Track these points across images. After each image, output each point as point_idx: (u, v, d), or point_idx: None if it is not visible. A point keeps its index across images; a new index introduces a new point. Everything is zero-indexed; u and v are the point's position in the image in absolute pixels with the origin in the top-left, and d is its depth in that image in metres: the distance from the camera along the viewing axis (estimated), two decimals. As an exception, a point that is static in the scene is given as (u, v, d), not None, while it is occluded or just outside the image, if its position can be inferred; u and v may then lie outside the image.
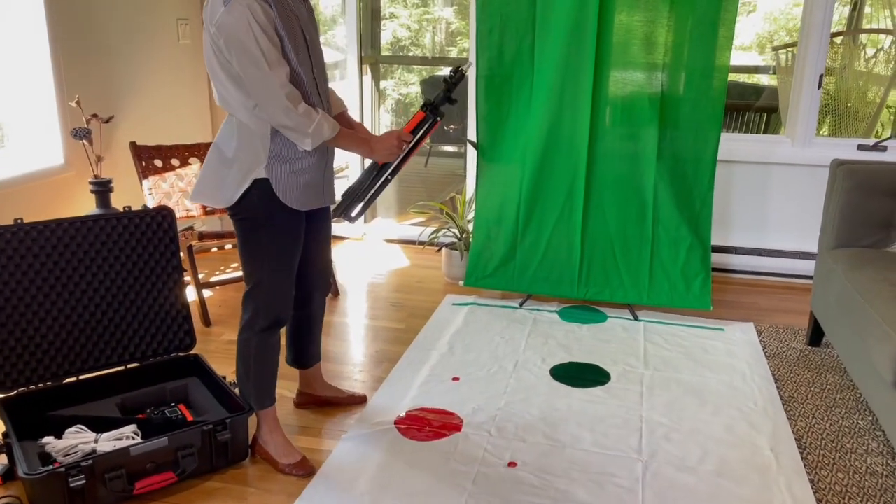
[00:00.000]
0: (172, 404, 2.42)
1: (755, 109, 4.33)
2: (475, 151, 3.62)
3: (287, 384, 2.76)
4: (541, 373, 2.86)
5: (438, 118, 2.23)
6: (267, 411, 2.26)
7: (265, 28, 1.86)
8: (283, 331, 2.27)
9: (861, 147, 3.79)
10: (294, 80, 1.96)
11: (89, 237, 2.35)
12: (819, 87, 3.73)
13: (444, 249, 3.88)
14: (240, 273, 2.54)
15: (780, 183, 3.86)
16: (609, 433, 2.44)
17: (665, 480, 2.20)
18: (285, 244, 2.10)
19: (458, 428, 2.46)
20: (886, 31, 4.57)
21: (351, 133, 2.16)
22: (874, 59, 4.60)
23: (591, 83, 3.20)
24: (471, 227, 3.75)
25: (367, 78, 4.65)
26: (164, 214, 2.47)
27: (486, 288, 3.58)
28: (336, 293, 3.67)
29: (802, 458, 2.33)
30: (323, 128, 2.01)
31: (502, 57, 3.34)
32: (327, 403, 2.61)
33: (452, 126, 7.04)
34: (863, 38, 4.76)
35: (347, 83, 4.39)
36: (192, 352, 2.60)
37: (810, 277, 3.87)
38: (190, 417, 2.37)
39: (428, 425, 2.47)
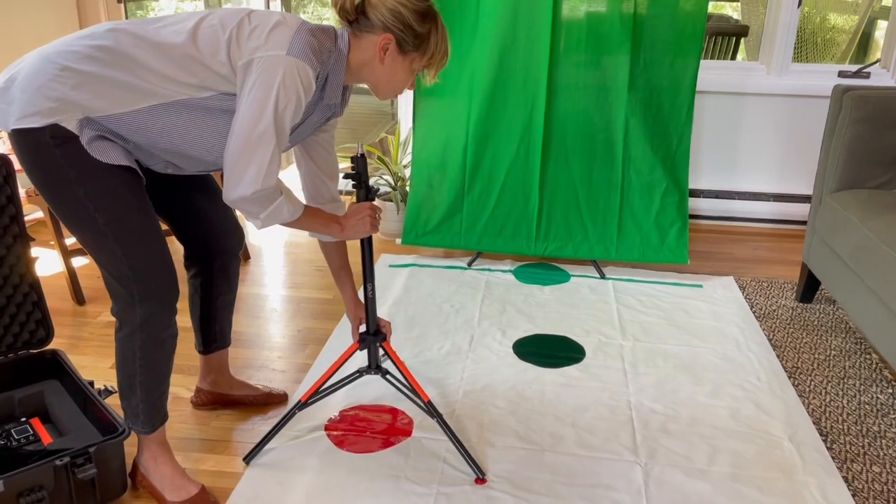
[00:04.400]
0: (23, 420, 1.80)
1: (720, 33, 3.86)
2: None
3: (181, 378, 2.17)
4: (502, 350, 2.35)
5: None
6: (157, 433, 1.67)
7: (297, 108, 1.46)
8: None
9: (842, 74, 3.38)
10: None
11: None
12: (798, 4, 3.28)
13: (376, 201, 3.29)
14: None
15: (752, 116, 3.42)
16: (595, 428, 1.97)
17: (674, 490, 1.74)
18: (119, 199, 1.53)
19: (407, 432, 1.93)
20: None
21: (316, 211, 1.68)
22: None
23: (551, -5, 2.64)
24: (407, 173, 3.17)
25: (276, 4, 3.93)
26: (-4, 165, 1.80)
27: (427, 246, 3.04)
28: (245, 256, 3.05)
29: (827, 447, 1.92)
30: (281, 211, 1.55)
31: (442, -37, 2.73)
32: (236, 404, 2.04)
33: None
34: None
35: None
36: (49, 346, 1.97)
37: (791, 222, 3.50)
38: (48, 439, 1.76)
39: (369, 429, 1.94)
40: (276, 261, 3.07)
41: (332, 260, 1.91)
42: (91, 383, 1.85)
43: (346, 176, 1.75)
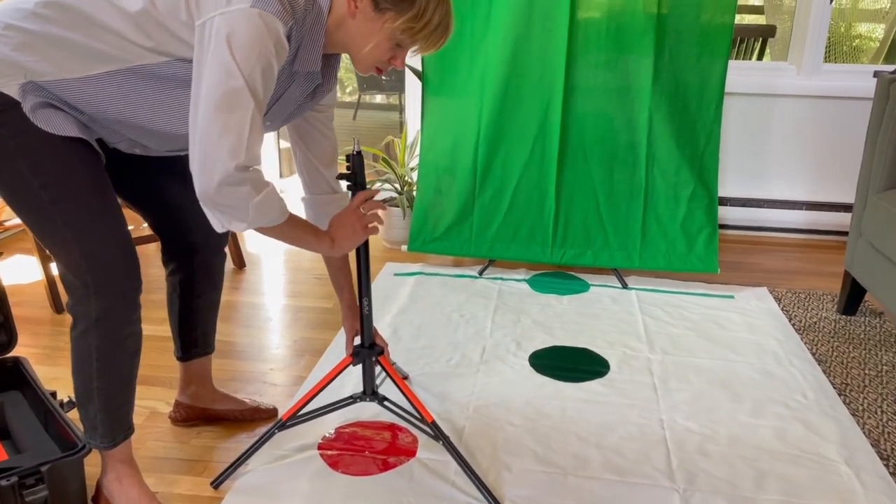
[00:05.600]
0: (-22, 435, 1.59)
1: (744, 34, 3.66)
2: (418, 83, 2.84)
3: (159, 392, 1.96)
4: (518, 362, 2.13)
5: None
6: (119, 448, 1.46)
7: (267, 71, 1.22)
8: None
9: (879, 74, 3.17)
10: None
11: None
12: (831, 1, 3.09)
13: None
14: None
15: (782, 119, 3.21)
16: (623, 449, 1.73)
17: (717, 521, 1.51)
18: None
19: (410, 452, 1.71)
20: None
21: (303, 222, 1.44)
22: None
23: (570, -19, 2.46)
24: (414, 177, 2.97)
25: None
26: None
27: (435, 253, 2.83)
28: (240, 263, 2.85)
29: (890, 472, 1.68)
30: (272, 205, 1.30)
31: (452, -50, 2.55)
32: (220, 420, 1.82)
33: (385, 78, 6.21)
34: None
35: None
36: (18, 354, 1.76)
37: (826, 232, 3.27)
38: (3, 456, 1.54)
39: (367, 449, 1.71)
40: (273, 268, 2.87)
41: (330, 260, 1.71)
42: (53, 394, 1.64)
43: (341, 176, 1.55)
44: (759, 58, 3.55)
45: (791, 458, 1.71)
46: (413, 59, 3.21)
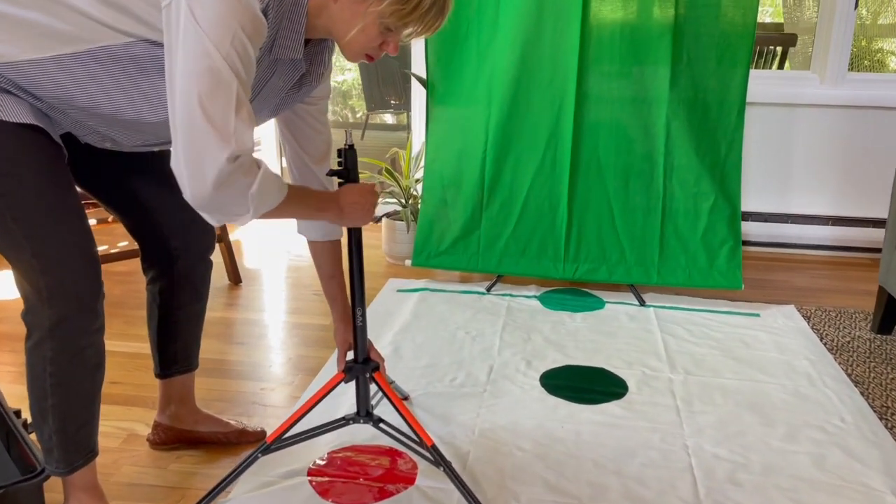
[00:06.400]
0: (-67, 458, 1.44)
1: (768, 43, 3.54)
2: (423, 91, 2.71)
3: (140, 413, 1.81)
4: (528, 382, 1.97)
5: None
6: (79, 474, 1.30)
7: (244, 53, 1.07)
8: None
9: (907, 83, 3.03)
10: None
11: None
12: (856, 6, 2.95)
13: (383, 220, 2.95)
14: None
15: (805, 130, 3.07)
16: (645, 477, 1.56)
17: (754, 560, 1.33)
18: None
19: (409, 479, 1.54)
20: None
21: (303, 192, 1.30)
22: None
23: (582, -20, 2.34)
24: (419, 189, 2.84)
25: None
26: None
27: (441, 268, 2.68)
28: (236, 279, 2.71)
29: (944, 506, 1.50)
30: (270, 189, 1.14)
31: (459, -51, 2.44)
32: (202, 443, 1.67)
33: (394, 100, 6.13)
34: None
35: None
36: (-18, 369, 1.63)
37: (853, 249, 3.11)
38: (-42, 481, 1.39)
39: (362, 475, 1.55)
40: (270, 284, 2.73)
41: (322, 264, 1.56)
42: (17, 412, 1.50)
43: (332, 173, 1.41)
44: (780, 68, 3.41)
45: (832, 489, 1.54)
46: (418, 66, 3.09)
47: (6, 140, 1.12)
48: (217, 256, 2.72)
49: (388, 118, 6.43)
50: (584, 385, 1.96)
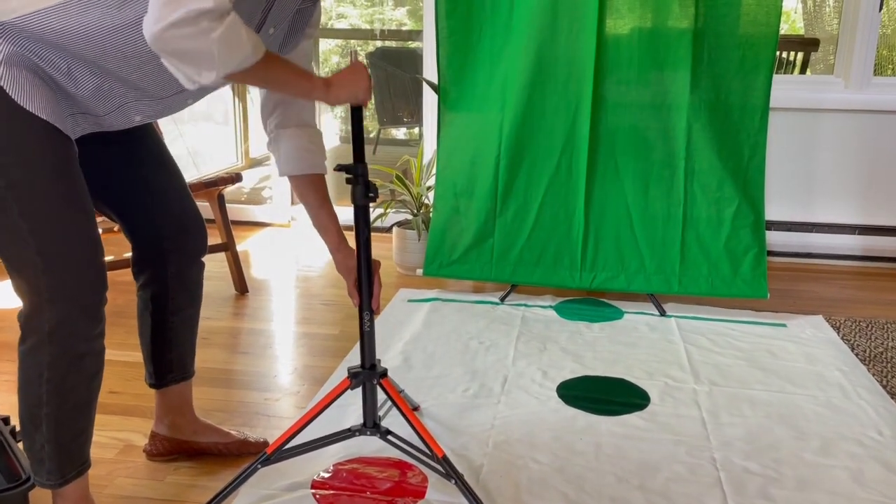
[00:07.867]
0: (-82, 468, 1.37)
1: (790, 48, 3.45)
2: (435, 103, 2.65)
3: (138, 423, 1.73)
4: (544, 393, 1.87)
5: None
6: (71, 486, 1.22)
7: None
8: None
9: (935, 87, 2.94)
10: None
11: None
12: (881, 7, 2.87)
13: (394, 229, 2.88)
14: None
15: (830, 136, 2.97)
16: (671, 492, 1.46)
17: (792, 582, 1.23)
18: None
19: (419, 493, 1.45)
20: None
21: (284, 60, 1.19)
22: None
23: (598, -21, 2.27)
24: (431, 197, 2.77)
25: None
26: None
27: (453, 278, 2.60)
28: (242, 288, 2.64)
29: None
30: (239, 36, 1.02)
31: (471, -51, 2.39)
32: (202, 454, 1.59)
33: (406, 119, 6.09)
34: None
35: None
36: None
37: (882, 259, 3.00)
38: (-58, 492, 1.32)
39: (369, 489, 1.46)
40: (278, 294, 2.66)
41: (309, 200, 1.46)
42: (6, 419, 1.42)
43: (339, 168, 1.34)
44: (802, 73, 3.33)
45: (874, 506, 1.43)
46: (430, 72, 3.03)
47: (20, 128, 1.06)
48: (223, 266, 2.66)
49: (400, 134, 6.39)
50: (604, 396, 1.86)
